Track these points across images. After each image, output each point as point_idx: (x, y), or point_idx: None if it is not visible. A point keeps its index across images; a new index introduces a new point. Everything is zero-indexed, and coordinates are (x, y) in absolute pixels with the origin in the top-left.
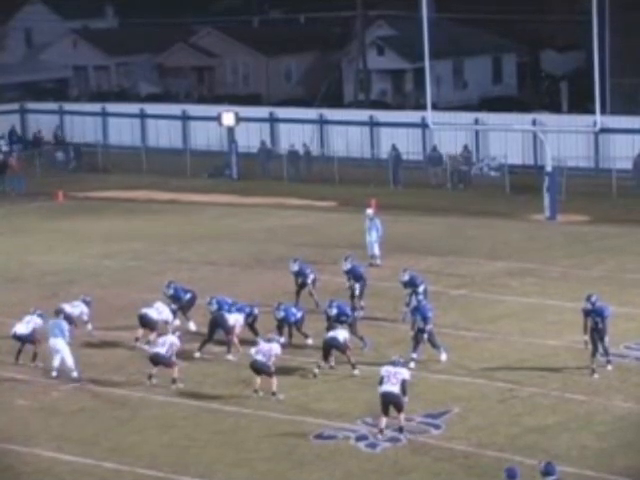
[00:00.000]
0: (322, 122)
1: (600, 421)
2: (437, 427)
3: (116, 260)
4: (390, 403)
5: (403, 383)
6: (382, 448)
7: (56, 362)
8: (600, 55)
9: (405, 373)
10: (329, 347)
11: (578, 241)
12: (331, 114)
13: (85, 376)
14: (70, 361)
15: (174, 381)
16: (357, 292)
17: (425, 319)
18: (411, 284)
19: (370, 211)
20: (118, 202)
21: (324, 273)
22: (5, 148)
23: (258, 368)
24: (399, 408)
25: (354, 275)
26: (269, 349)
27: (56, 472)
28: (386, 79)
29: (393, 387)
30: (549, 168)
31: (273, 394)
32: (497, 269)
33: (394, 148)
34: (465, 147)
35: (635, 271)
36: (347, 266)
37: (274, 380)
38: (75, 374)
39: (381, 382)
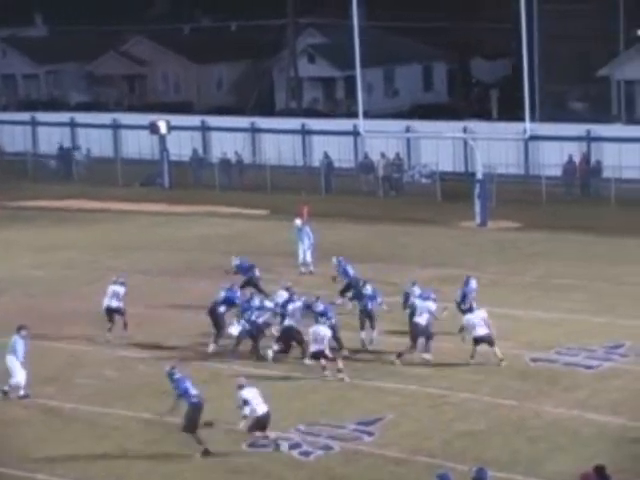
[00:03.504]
0: (254, 130)
1: (531, 426)
2: (370, 434)
3: (47, 269)
4: (422, 334)
5: (430, 313)
6: (315, 456)
7: (20, 380)
8: (529, 62)
9: (432, 305)
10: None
11: (508, 247)
12: (263, 122)
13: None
14: (21, 377)
15: (340, 371)
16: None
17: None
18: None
19: (298, 221)
20: (49, 211)
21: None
22: None
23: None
24: (430, 337)
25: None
26: (323, 336)
27: None
28: (317, 87)
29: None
30: (480, 175)
31: (339, 371)
32: (428, 276)
33: (326, 156)
34: (397, 154)
35: (564, 276)
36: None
37: (339, 362)
38: (23, 392)
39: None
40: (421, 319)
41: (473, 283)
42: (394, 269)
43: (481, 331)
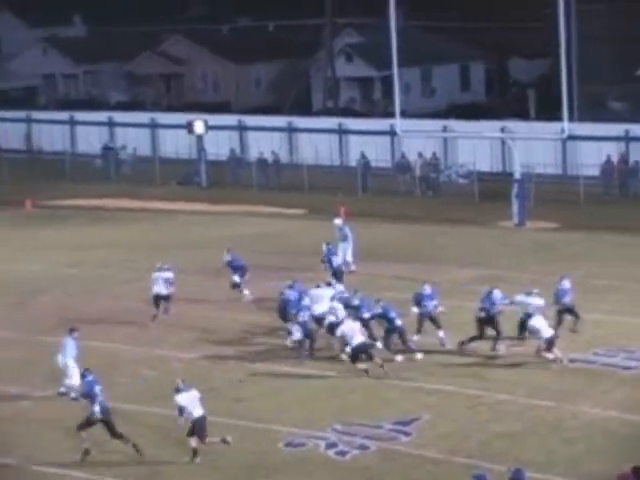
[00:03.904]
0: (291, 130)
1: (568, 427)
2: (407, 434)
3: (84, 268)
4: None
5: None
6: (352, 455)
7: (67, 381)
8: (567, 62)
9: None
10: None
11: (546, 248)
12: (300, 122)
13: (56, 385)
14: (76, 382)
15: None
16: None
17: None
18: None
19: (338, 221)
20: (86, 210)
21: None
22: None
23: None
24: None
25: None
26: (352, 329)
27: None
28: (354, 87)
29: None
30: (517, 175)
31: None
32: (466, 276)
33: (363, 156)
34: (434, 154)
35: (601, 277)
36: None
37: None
38: (74, 394)
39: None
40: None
41: (566, 284)
42: (432, 269)
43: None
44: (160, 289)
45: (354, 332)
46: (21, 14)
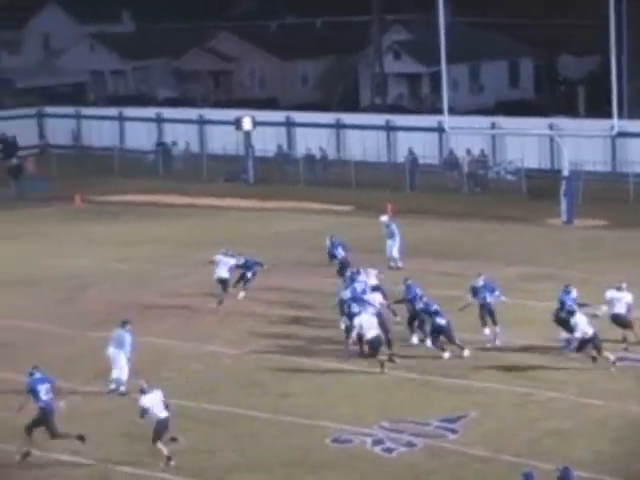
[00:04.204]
0: (338, 126)
1: (616, 426)
2: (454, 432)
3: (132, 264)
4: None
5: (629, 307)
6: (398, 452)
7: (115, 374)
8: (617, 58)
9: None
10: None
11: (594, 246)
12: (348, 118)
13: (105, 379)
14: (124, 376)
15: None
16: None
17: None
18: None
19: (385, 217)
20: (135, 206)
21: (340, 277)
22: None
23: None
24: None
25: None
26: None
27: (73, 476)
28: (402, 83)
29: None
30: (566, 172)
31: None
32: (514, 273)
33: (411, 152)
34: (482, 151)
35: None
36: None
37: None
38: (124, 389)
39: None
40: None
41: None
42: (479, 266)
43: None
44: (222, 273)
45: (371, 325)
46: (70, 10)
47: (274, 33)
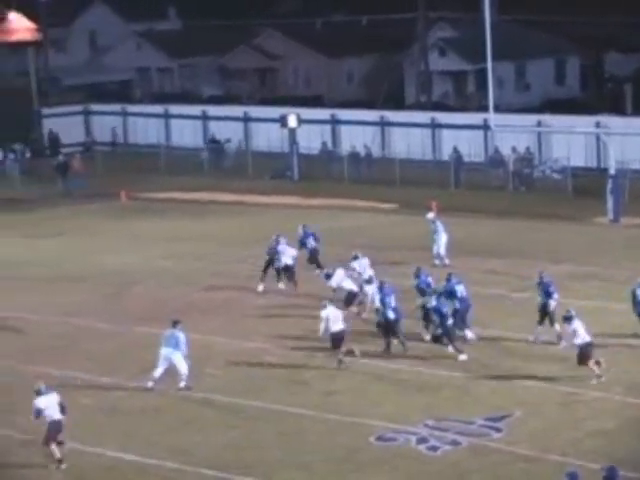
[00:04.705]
0: (383, 124)
1: None
2: (498, 430)
3: (177, 261)
4: None
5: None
6: (443, 451)
7: (158, 373)
8: None
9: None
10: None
11: None
12: (392, 116)
13: (150, 375)
14: (184, 369)
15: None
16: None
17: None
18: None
19: (430, 215)
20: (180, 203)
21: (385, 275)
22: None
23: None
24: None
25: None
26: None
27: (120, 471)
28: (448, 81)
29: None
30: (612, 171)
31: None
32: (560, 272)
33: (455, 150)
34: (527, 149)
35: None
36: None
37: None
38: (183, 384)
39: None
40: None
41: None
42: (524, 265)
43: None
44: (287, 260)
45: (336, 318)
46: (116, 8)
47: (319, 31)
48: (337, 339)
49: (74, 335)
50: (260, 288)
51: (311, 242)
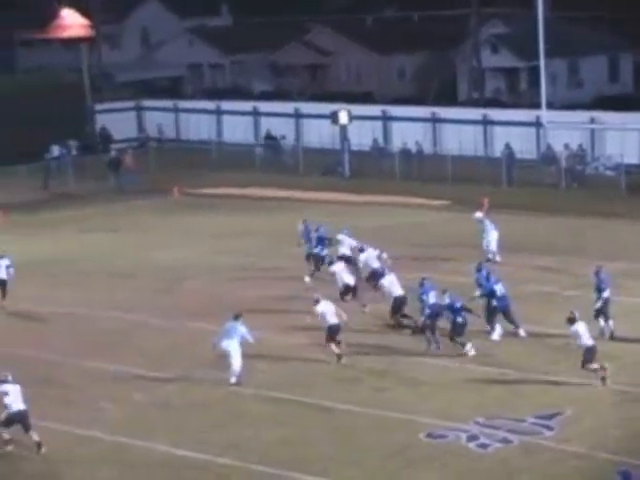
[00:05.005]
0: (435, 120)
1: None
2: (550, 428)
3: (229, 256)
4: None
5: None
6: (493, 448)
7: (236, 366)
8: None
9: None
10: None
11: None
12: (444, 112)
13: (201, 371)
14: (237, 365)
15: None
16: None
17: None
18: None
19: (478, 214)
20: (232, 199)
21: (436, 272)
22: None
23: None
24: None
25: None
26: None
27: (171, 466)
28: (500, 77)
29: None
30: None
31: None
32: (613, 270)
33: (508, 147)
34: (580, 146)
35: None
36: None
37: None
38: (234, 379)
39: None
40: None
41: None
42: (577, 262)
43: None
44: (345, 251)
45: (331, 312)
46: (169, 5)
47: (370, 27)
48: (333, 332)
49: (126, 330)
50: (307, 280)
51: (311, 238)
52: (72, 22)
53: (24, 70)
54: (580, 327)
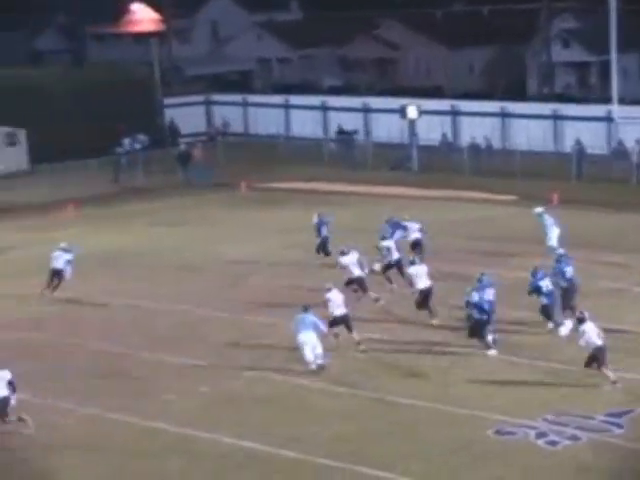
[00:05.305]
0: (504, 115)
1: None
2: (619, 426)
3: (296, 251)
4: None
5: None
6: (563, 446)
7: (309, 356)
8: None
9: None
10: None
11: None
12: (513, 107)
13: (266, 364)
14: (319, 349)
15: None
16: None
17: None
18: None
19: (538, 209)
20: (300, 193)
21: (503, 267)
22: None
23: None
24: None
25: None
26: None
27: (236, 458)
28: (571, 72)
29: None
30: None
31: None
32: None
33: (578, 142)
34: None
35: None
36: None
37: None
38: (320, 361)
39: None
40: None
41: None
42: None
43: None
44: (415, 234)
45: (340, 302)
46: None
47: (440, 21)
48: (338, 323)
49: (193, 324)
50: (376, 267)
51: (323, 231)
52: (143, 17)
53: (95, 64)
54: (588, 327)
